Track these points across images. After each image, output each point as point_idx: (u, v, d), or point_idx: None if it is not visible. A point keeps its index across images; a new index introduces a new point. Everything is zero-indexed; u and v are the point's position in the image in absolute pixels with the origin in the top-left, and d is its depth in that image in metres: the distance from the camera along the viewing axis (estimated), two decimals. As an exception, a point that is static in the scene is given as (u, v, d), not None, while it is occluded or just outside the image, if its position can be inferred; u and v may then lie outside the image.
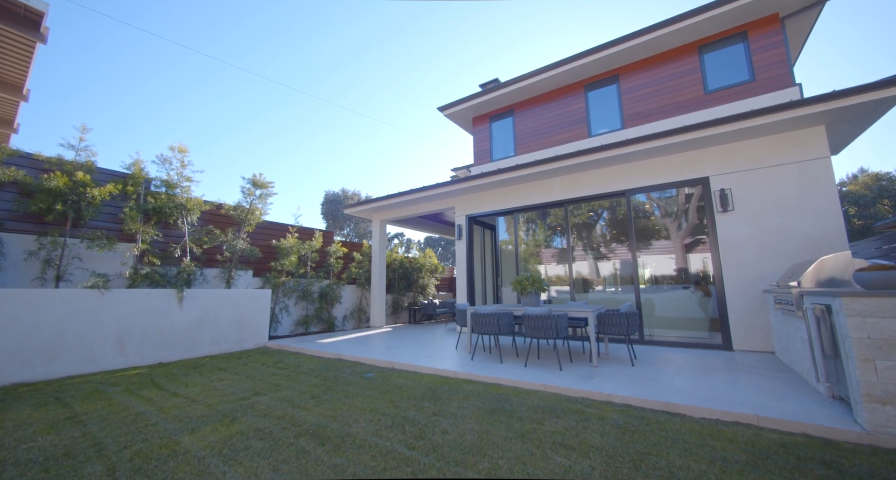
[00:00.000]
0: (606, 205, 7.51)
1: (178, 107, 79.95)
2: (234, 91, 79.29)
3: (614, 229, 7.45)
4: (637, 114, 7.83)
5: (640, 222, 7.02)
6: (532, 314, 4.85)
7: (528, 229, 8.67)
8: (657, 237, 6.88)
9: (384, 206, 9.97)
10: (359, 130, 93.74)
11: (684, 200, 6.68)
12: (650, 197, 7.13)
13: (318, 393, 4.00)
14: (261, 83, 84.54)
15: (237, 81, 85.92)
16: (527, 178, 7.80)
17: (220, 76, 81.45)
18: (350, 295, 10.83)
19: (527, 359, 4.88)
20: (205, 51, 69.03)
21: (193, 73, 74.67)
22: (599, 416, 3.14)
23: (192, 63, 72.44)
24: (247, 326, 7.34)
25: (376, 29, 62.26)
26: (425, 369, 4.95)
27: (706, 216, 6.13)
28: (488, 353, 5.85)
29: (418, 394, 3.88)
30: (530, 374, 4.43)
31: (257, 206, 8.15)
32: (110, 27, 41.27)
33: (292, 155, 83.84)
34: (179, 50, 63.46)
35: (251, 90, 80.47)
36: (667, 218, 6.85)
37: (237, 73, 78.81)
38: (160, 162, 7.00)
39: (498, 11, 59.88)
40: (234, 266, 7.85)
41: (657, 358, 5.24)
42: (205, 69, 75.71)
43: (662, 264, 6.81)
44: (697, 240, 6.55)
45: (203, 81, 76.70)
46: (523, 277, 5.81)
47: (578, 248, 7.77)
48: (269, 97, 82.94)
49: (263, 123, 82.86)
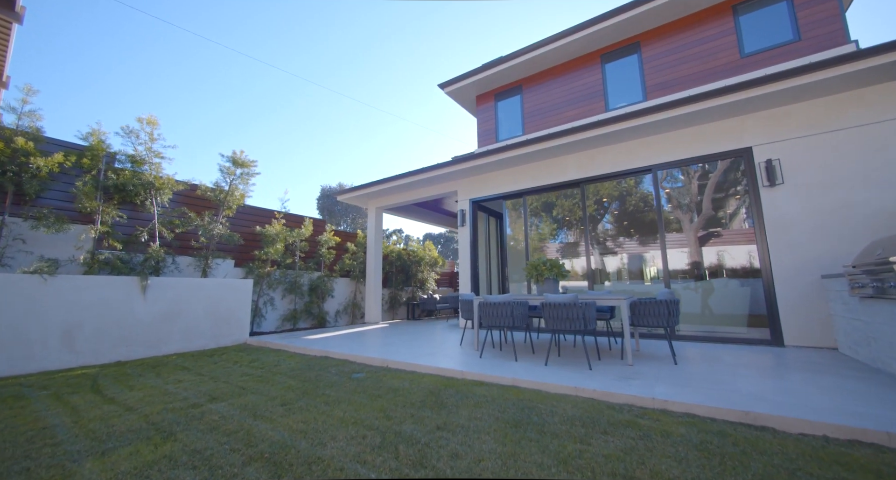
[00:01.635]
0: (632, 183, 6.69)
1: (178, 107, 78.86)
2: (233, 92, 78.30)
3: (631, 216, 6.64)
4: (662, 84, 7.03)
5: (653, 212, 6.21)
6: (554, 302, 4.04)
7: (532, 223, 7.84)
8: (678, 225, 6.08)
9: (380, 191, 9.14)
10: (360, 128, 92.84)
11: (705, 182, 5.88)
12: (661, 185, 6.35)
13: (291, 399, 3.18)
14: (261, 83, 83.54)
15: (237, 82, 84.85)
16: (538, 155, 6.99)
17: (216, 78, 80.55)
18: (343, 289, 10.01)
19: (547, 356, 4.08)
20: (205, 50, 68.08)
21: (192, 73, 73.60)
22: (662, 431, 2.33)
23: (190, 63, 71.32)
24: (224, 320, 6.51)
25: (377, 28, 61.38)
26: (426, 368, 4.14)
27: (750, 192, 5.32)
28: (498, 350, 5.04)
29: (417, 400, 3.06)
30: (554, 374, 3.61)
31: (238, 186, 7.32)
32: (117, 19, 40.32)
33: (293, 154, 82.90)
34: (176, 49, 62.40)
35: (250, 91, 79.56)
36: (678, 209, 6.05)
37: (232, 76, 77.71)
38: (125, 134, 6.16)
39: (501, 10, 59.11)
40: (210, 254, 7.02)
41: (700, 355, 4.43)
42: (204, 69, 74.59)
43: (689, 252, 6.01)
44: (722, 227, 5.75)
45: (203, 80, 75.70)
46: (538, 261, 5.00)
47: (592, 237, 6.96)
48: (270, 97, 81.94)
49: (264, 123, 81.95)
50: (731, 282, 5.70)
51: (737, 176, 5.73)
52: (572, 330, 3.95)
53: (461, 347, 5.41)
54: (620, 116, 5.79)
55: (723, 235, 5.95)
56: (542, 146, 6.61)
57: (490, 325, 4.61)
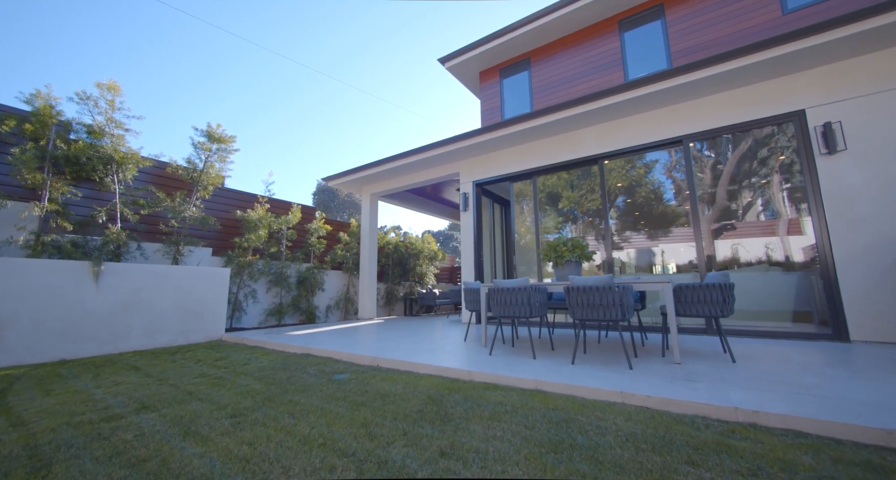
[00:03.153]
0: (642, 173, 5.92)
1: (175, 107, 78.03)
2: (232, 92, 77.44)
3: (642, 207, 5.88)
4: (689, 49, 6.27)
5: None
6: (584, 285, 3.27)
7: (531, 217, 7.05)
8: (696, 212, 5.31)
9: (375, 174, 8.36)
10: (363, 125, 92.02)
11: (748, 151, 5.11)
12: (671, 174, 5.61)
13: (245, 408, 2.41)
14: (260, 83, 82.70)
15: (235, 82, 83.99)
16: (549, 129, 6.22)
17: (217, 77, 79.77)
18: (335, 282, 9.22)
19: (574, 353, 3.31)
20: (203, 50, 67.31)
21: (189, 73, 72.78)
22: (777, 460, 1.56)
23: (188, 64, 70.43)
24: (195, 314, 5.73)
25: (379, 25, 60.60)
26: (424, 367, 3.37)
27: (802, 163, 4.56)
28: (510, 347, 4.27)
29: (413, 410, 2.29)
30: (588, 375, 2.84)
31: (214, 164, 6.53)
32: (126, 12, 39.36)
33: (293, 153, 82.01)
34: (176, 49, 61.49)
35: (251, 89, 78.69)
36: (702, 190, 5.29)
37: (232, 76, 76.86)
38: (81, 100, 5.37)
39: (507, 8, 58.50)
40: (182, 240, 6.23)
41: (757, 353, 3.67)
42: (202, 69, 73.79)
43: (728, 239, 5.25)
44: (752, 210, 5.00)
45: (204, 79, 74.84)
46: (558, 241, 4.23)
47: (599, 232, 6.18)
48: (269, 96, 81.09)
49: (264, 122, 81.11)
50: (771, 270, 4.93)
51: (775, 147, 4.97)
52: (607, 320, 3.17)
53: (466, 343, 4.64)
54: (646, 78, 5.04)
55: (751, 221, 5.19)
56: (555, 117, 5.84)
57: (501, 316, 3.84)
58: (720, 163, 5.35)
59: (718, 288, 3.31)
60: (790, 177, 4.89)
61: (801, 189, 4.72)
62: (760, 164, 5.16)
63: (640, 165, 6.05)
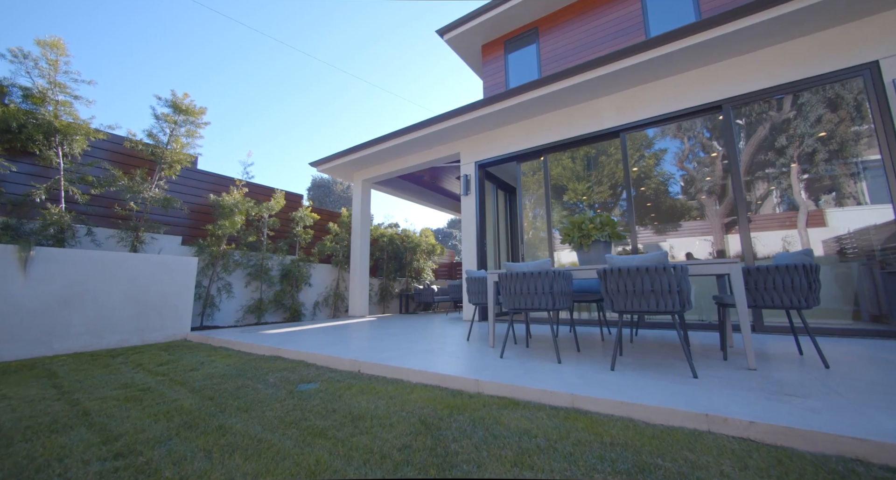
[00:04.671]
0: (651, 163, 5.15)
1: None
2: (232, 91, 76.52)
3: (653, 198, 5.10)
4: (724, 6, 5.50)
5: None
6: (627, 266, 2.48)
7: (539, 214, 6.22)
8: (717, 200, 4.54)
9: (367, 157, 7.56)
10: (369, 120, 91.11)
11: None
12: (682, 165, 4.87)
13: (145, 441, 1.61)
14: (259, 82, 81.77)
15: (234, 81, 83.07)
16: (561, 98, 5.44)
17: (215, 78, 78.93)
18: (323, 276, 8.42)
19: (615, 355, 2.52)
20: (207, 46, 66.35)
21: (188, 72, 71.78)
22: None
23: (191, 62, 69.48)
24: (155, 309, 4.92)
25: (383, 20, 59.74)
26: (418, 374, 2.57)
27: (876, 122, 3.79)
28: (523, 348, 3.48)
29: (395, 443, 1.50)
30: (641, 387, 2.06)
31: (180, 139, 5.72)
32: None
33: (293, 151, 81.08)
34: (176, 48, 60.59)
35: (250, 90, 77.75)
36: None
37: (231, 75, 75.97)
38: (16, 58, 4.57)
39: None
40: (143, 225, 5.42)
41: (846, 355, 2.89)
42: (200, 69, 72.78)
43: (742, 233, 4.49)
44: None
45: (204, 78, 73.88)
46: (583, 217, 3.45)
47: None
48: (268, 96, 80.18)
49: (264, 121, 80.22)
50: (832, 260, 4.15)
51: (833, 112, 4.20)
52: (660, 311, 2.38)
53: (469, 343, 3.84)
54: (676, 31, 4.27)
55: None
56: (570, 83, 5.07)
57: (515, 309, 3.05)
58: (762, 133, 4.57)
59: (802, 271, 2.53)
60: (850, 146, 4.11)
61: (865, 163, 3.95)
62: (814, 130, 4.38)
63: (648, 154, 5.30)
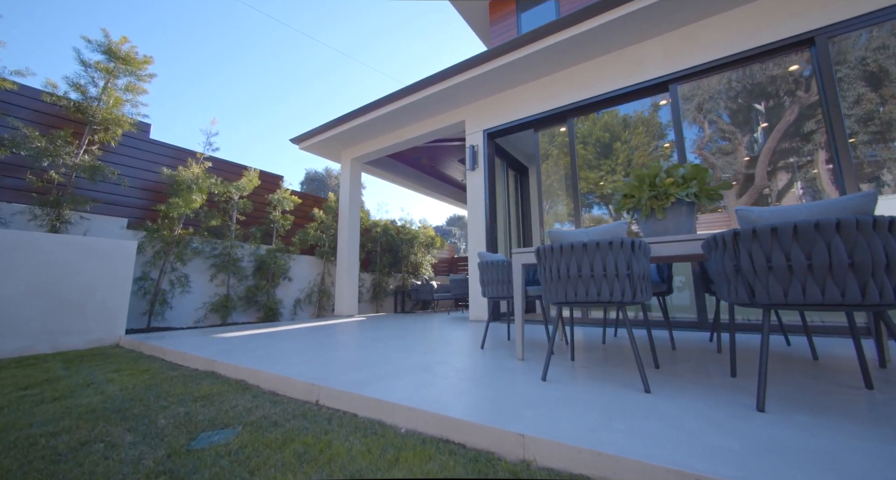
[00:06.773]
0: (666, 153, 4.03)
1: (178, 104, 75.75)
2: (233, 90, 75.22)
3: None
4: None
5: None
6: (775, 223, 1.37)
7: (547, 205, 5.13)
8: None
9: (356, 130, 6.45)
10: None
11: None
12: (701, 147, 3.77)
13: None
14: (260, 81, 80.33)
15: (233, 81, 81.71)
16: (593, 43, 4.35)
17: (215, 77, 77.75)
18: (306, 270, 7.31)
19: (763, 385, 1.41)
20: (208, 46, 65.08)
21: (192, 70, 70.53)
22: None
23: (190, 61, 68.29)
24: (75, 307, 3.80)
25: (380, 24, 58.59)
26: (409, 414, 1.46)
27: None
28: (566, 360, 2.38)
29: None
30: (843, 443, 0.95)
31: (118, 96, 4.60)
32: None
33: (295, 151, 79.79)
34: (177, 47, 59.40)
35: (249, 88, 76.41)
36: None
37: (232, 74, 74.62)
38: None
39: None
40: (67, 200, 4.31)
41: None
42: (201, 68, 71.58)
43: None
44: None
45: (205, 77, 72.64)
46: (656, 169, 2.35)
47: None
48: (272, 92, 78.89)
49: (264, 120, 78.97)
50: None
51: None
52: (852, 305, 1.28)
53: (484, 353, 2.73)
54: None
55: None
56: (605, 18, 3.97)
57: (566, 303, 1.94)
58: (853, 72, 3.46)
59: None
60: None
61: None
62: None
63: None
